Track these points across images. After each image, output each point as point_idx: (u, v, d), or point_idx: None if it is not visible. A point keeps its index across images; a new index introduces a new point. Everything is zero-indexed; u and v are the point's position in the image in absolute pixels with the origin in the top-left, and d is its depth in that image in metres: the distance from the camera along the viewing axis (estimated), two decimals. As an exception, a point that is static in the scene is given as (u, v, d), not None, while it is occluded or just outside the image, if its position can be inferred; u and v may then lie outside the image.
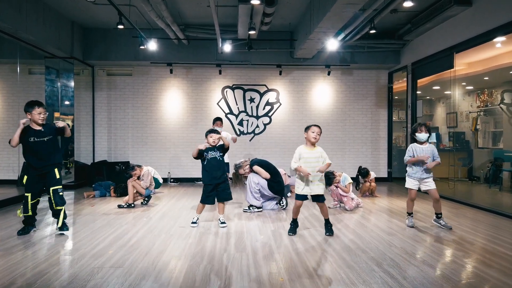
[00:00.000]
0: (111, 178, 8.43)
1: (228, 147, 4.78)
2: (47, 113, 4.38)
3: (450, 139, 9.87)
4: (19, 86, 8.77)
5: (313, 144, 4.19)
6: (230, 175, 6.75)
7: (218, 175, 4.64)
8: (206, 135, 4.69)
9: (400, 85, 9.56)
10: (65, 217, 4.39)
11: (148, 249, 3.71)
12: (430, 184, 4.55)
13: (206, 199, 4.66)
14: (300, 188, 4.15)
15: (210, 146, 4.67)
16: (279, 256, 3.51)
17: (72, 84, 8.37)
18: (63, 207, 4.37)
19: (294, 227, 4.35)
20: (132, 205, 5.94)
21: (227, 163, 6.88)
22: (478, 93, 9.31)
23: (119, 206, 5.89)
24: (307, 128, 4.22)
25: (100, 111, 9.18)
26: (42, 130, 4.25)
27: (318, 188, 4.13)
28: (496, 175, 8.07)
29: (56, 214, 4.38)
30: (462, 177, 9.16)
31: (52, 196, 4.31)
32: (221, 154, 4.73)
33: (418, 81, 8.26)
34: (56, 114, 8.24)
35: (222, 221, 4.71)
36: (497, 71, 7.82)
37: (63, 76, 8.21)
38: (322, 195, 4.19)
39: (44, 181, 4.32)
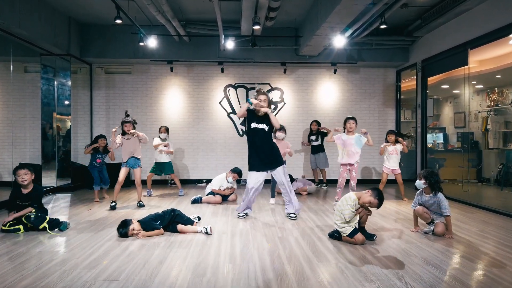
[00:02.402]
0: (112, 180, 8.17)
1: None
2: (32, 175, 4.53)
3: (458, 139, 9.57)
4: (13, 85, 8.48)
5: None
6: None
7: None
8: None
9: (406, 84, 9.27)
10: (51, 220, 4.45)
11: (146, 259, 3.41)
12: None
13: None
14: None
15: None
16: (289, 268, 3.21)
17: (69, 82, 8.07)
18: (43, 224, 4.37)
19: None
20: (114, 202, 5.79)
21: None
22: (488, 92, 9.01)
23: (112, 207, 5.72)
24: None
25: (98, 111, 8.88)
26: (28, 195, 4.46)
27: None
28: (508, 177, 7.78)
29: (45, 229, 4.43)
30: (471, 178, 8.87)
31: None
32: None
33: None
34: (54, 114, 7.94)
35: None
36: (509, 69, 7.51)
37: (60, 74, 7.89)
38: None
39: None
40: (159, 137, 7.19)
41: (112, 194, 6.64)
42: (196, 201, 6.30)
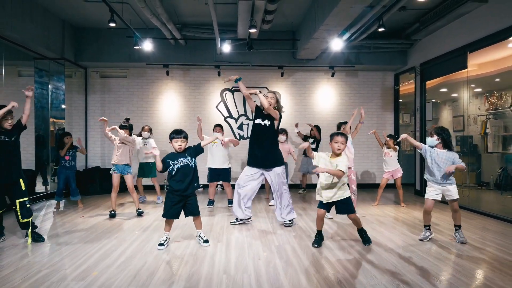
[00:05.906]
0: (105, 186, 8.04)
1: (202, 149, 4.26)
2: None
3: (457, 143, 9.49)
4: (8, 89, 8.34)
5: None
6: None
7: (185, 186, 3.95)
8: (171, 139, 4.03)
9: (404, 87, 9.18)
10: (34, 227, 4.28)
11: (138, 270, 3.29)
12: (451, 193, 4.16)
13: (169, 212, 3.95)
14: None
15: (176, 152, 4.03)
16: (285, 279, 3.09)
17: (63, 86, 7.95)
18: (30, 219, 4.21)
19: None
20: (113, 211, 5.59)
21: (228, 169, 6.47)
22: (487, 96, 8.94)
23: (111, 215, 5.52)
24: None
25: (94, 115, 8.75)
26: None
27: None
28: (508, 181, 7.70)
29: (24, 227, 4.23)
30: (470, 183, 8.78)
31: (18, 209, 4.14)
32: (195, 159, 4.10)
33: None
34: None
35: (204, 239, 4.11)
36: (508, 73, 7.43)
37: (54, 78, 7.77)
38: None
39: (8, 193, 4.17)
40: (141, 134, 6.89)
41: (88, 202, 6.48)
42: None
